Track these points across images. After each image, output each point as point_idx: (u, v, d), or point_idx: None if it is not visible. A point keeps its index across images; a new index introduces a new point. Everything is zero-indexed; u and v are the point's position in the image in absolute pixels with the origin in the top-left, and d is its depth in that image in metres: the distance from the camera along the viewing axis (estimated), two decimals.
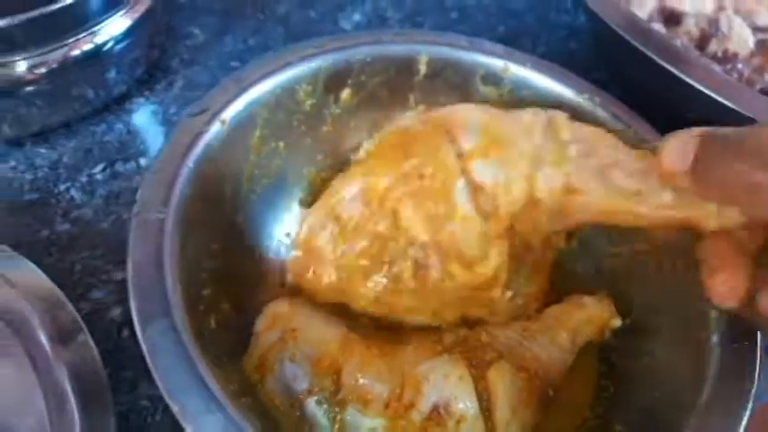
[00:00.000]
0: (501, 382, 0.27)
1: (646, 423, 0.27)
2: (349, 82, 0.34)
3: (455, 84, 0.35)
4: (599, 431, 0.29)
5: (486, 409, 0.27)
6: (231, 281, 0.30)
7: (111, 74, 0.40)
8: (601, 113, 0.33)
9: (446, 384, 0.26)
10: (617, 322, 0.31)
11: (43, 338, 0.29)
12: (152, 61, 0.44)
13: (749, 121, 0.35)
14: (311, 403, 0.26)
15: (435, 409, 0.26)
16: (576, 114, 0.33)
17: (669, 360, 0.29)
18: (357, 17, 0.51)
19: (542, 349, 0.30)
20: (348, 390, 0.26)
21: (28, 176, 0.38)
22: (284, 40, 0.48)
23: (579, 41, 0.51)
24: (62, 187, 0.37)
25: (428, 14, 0.52)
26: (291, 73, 0.32)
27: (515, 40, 0.51)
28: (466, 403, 0.26)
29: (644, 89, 0.41)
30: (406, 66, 0.35)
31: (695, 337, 0.27)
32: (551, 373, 0.30)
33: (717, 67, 0.44)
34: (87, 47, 0.38)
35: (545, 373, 0.29)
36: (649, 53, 0.37)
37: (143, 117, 0.42)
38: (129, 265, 0.24)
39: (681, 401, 0.26)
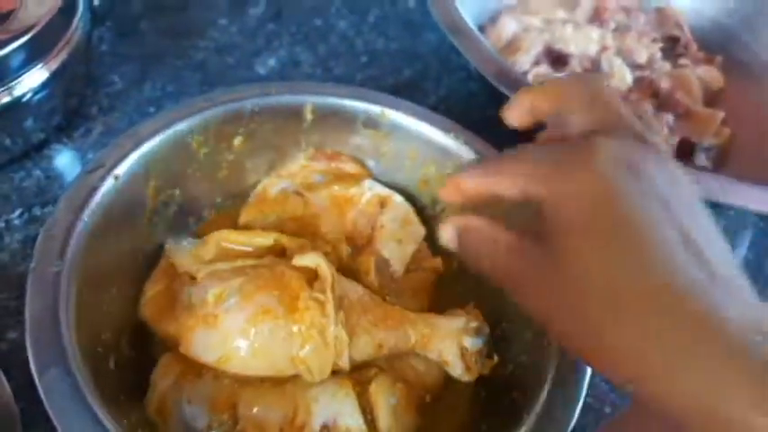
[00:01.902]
0: (382, 394, 0.30)
1: (501, 422, 0.31)
2: (240, 131, 0.37)
3: (340, 127, 0.39)
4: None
5: (370, 421, 0.30)
6: (131, 323, 0.33)
7: (29, 123, 0.43)
8: (464, 151, 0.38)
9: (333, 402, 0.30)
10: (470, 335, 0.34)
11: None
12: (71, 109, 0.47)
13: None
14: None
15: (325, 426, 0.29)
16: (444, 149, 0.38)
17: (528, 365, 0.33)
18: (272, 62, 0.55)
19: (418, 361, 0.33)
20: (245, 420, 0.29)
21: None
22: (201, 85, 0.51)
23: (476, 83, 0.56)
24: None
25: (339, 59, 0.56)
26: (183, 126, 0.35)
27: (420, 82, 0.55)
28: (352, 417, 0.29)
29: None
30: (293, 113, 0.39)
31: (543, 340, 0.32)
32: (428, 381, 0.33)
33: None
34: (5, 99, 0.40)
35: (422, 381, 0.33)
36: None
37: (61, 163, 0.45)
38: (27, 318, 0.27)
39: (529, 402, 0.30)
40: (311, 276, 0.31)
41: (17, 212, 0.41)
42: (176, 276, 0.33)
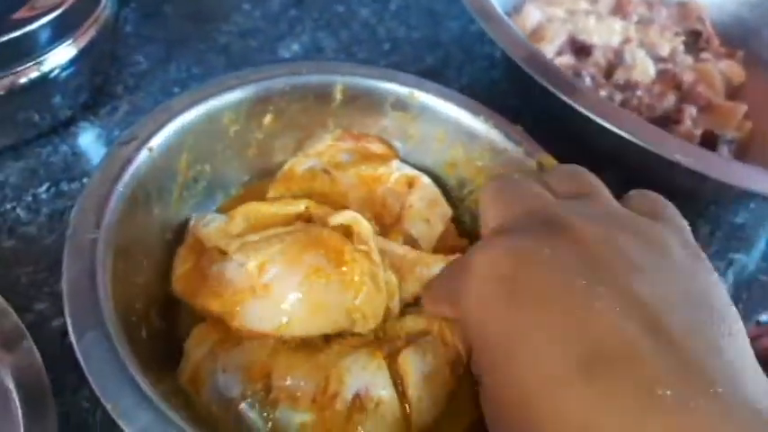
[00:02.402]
0: (410, 365, 0.30)
1: None
2: (270, 108, 0.37)
3: (369, 109, 0.40)
4: None
5: (401, 391, 0.30)
6: (161, 295, 0.33)
7: (57, 99, 0.43)
8: (492, 133, 0.38)
9: (365, 374, 0.30)
10: None
11: None
12: (97, 87, 0.47)
13: (628, 142, 0.40)
14: (245, 406, 0.29)
15: (357, 396, 0.29)
16: (472, 133, 0.38)
17: None
18: (295, 47, 0.55)
19: (448, 332, 0.33)
20: (278, 390, 0.29)
21: None
22: (225, 68, 0.52)
23: (499, 72, 0.56)
24: (8, 206, 0.40)
25: (362, 45, 0.56)
26: (215, 102, 0.35)
27: (442, 70, 0.55)
28: (384, 388, 0.29)
29: (546, 114, 0.46)
30: (323, 94, 0.39)
31: None
32: (455, 350, 0.34)
33: (603, 95, 0.49)
34: (34, 75, 0.40)
35: (449, 351, 0.33)
36: (545, 83, 0.42)
37: (87, 140, 0.45)
38: (64, 282, 0.27)
39: None
40: (347, 234, 0.31)
41: (44, 187, 0.41)
42: (204, 252, 0.33)
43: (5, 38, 0.38)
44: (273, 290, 0.29)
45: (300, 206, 0.33)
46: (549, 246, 0.21)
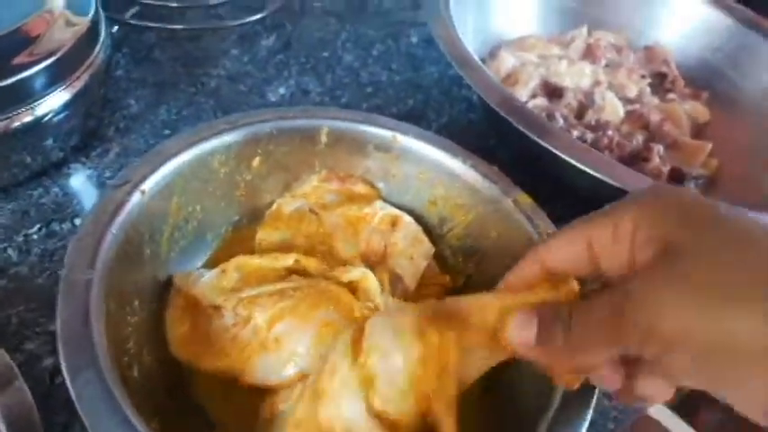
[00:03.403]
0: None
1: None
2: (259, 151, 0.39)
3: (353, 150, 0.41)
4: None
5: None
6: (152, 334, 0.34)
7: (49, 142, 0.44)
8: (471, 173, 0.40)
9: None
10: None
11: None
12: (89, 130, 0.48)
13: (597, 179, 0.42)
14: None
15: None
16: (451, 173, 0.40)
17: (535, 375, 0.34)
18: (282, 90, 0.57)
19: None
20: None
21: None
22: (214, 111, 0.53)
23: (476, 113, 0.59)
24: None
25: (346, 89, 0.59)
26: (206, 146, 0.37)
27: (423, 112, 0.58)
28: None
29: (521, 154, 0.48)
30: (309, 137, 0.40)
31: None
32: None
33: (575, 136, 0.52)
34: (27, 119, 0.42)
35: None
36: (520, 126, 0.44)
37: (79, 181, 0.46)
38: (58, 322, 0.28)
39: (537, 414, 0.31)
40: (352, 289, 0.32)
41: (36, 227, 0.42)
42: (199, 312, 0.34)
43: (1, 83, 0.40)
44: (285, 344, 0.31)
45: (289, 260, 0.35)
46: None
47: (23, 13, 0.41)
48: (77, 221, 0.43)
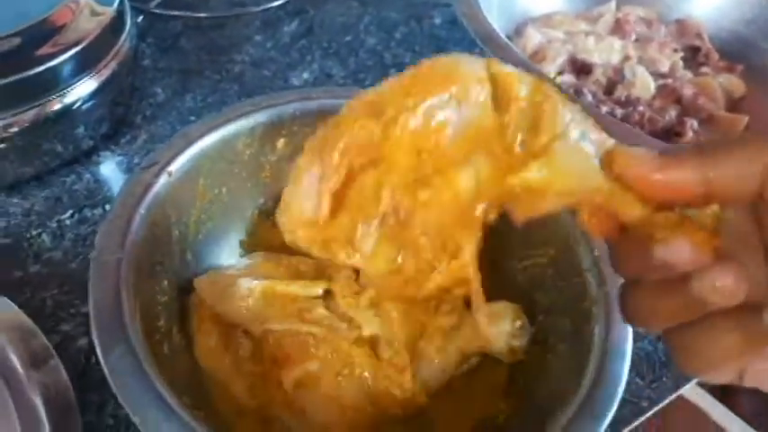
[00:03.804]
0: None
1: (536, 410, 0.32)
2: (283, 133, 0.39)
3: None
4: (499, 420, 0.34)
5: None
6: (181, 313, 0.35)
7: (79, 130, 0.45)
8: None
9: None
10: (517, 337, 0.36)
11: (18, 364, 0.33)
12: (117, 118, 0.49)
13: None
14: None
15: None
16: None
17: (566, 353, 0.33)
18: (306, 75, 0.57)
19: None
20: None
21: (2, 224, 0.42)
22: (239, 96, 0.54)
23: None
24: (34, 232, 0.42)
25: (369, 72, 0.58)
26: (231, 128, 0.37)
27: None
28: None
29: None
30: (332, 117, 0.40)
31: (584, 330, 0.32)
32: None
33: (603, 111, 0.51)
34: (57, 107, 0.43)
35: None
36: None
37: (109, 168, 0.47)
38: (91, 302, 0.28)
39: (569, 387, 0.31)
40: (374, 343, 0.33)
41: (68, 213, 0.43)
42: (226, 327, 0.34)
43: (30, 72, 0.41)
44: (308, 413, 0.31)
45: (318, 289, 0.34)
46: None
47: (50, 3, 0.42)
48: (108, 207, 0.44)
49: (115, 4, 0.46)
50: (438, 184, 0.24)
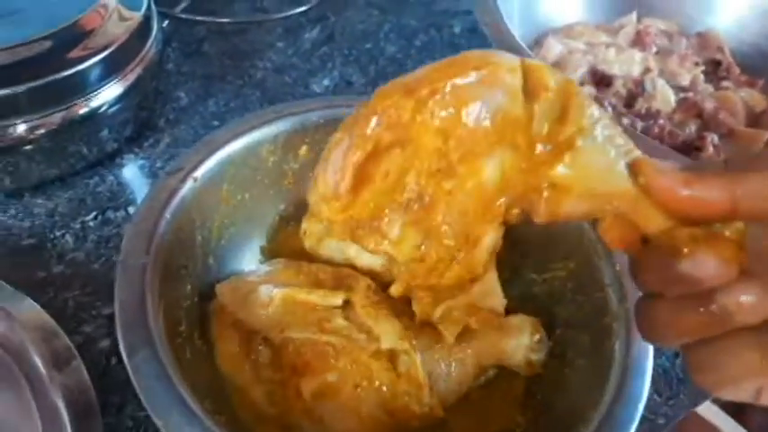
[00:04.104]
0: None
1: (554, 426, 0.32)
2: (306, 140, 0.39)
3: None
4: None
5: None
6: (202, 318, 0.35)
7: (104, 133, 0.46)
8: None
9: None
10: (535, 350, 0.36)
11: (40, 364, 0.33)
12: (141, 121, 0.50)
13: None
14: None
15: None
16: None
17: (585, 368, 0.34)
18: (326, 82, 0.57)
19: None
20: None
21: (26, 224, 0.43)
22: (261, 102, 0.54)
23: None
24: (57, 233, 0.43)
25: (389, 79, 0.58)
26: (255, 135, 0.37)
27: None
28: None
29: None
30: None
31: (604, 345, 0.32)
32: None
33: (625, 123, 0.51)
34: (83, 110, 0.43)
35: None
36: None
37: (132, 171, 0.47)
38: (117, 304, 0.29)
39: (588, 403, 0.30)
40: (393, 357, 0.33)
41: (92, 215, 0.44)
42: (247, 334, 0.34)
43: (59, 75, 0.41)
44: (327, 423, 0.31)
45: (338, 299, 0.34)
46: None
47: (79, 7, 0.43)
48: (131, 209, 0.45)
49: (143, 9, 0.47)
50: (462, 173, 0.25)
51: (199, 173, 0.35)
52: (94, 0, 0.44)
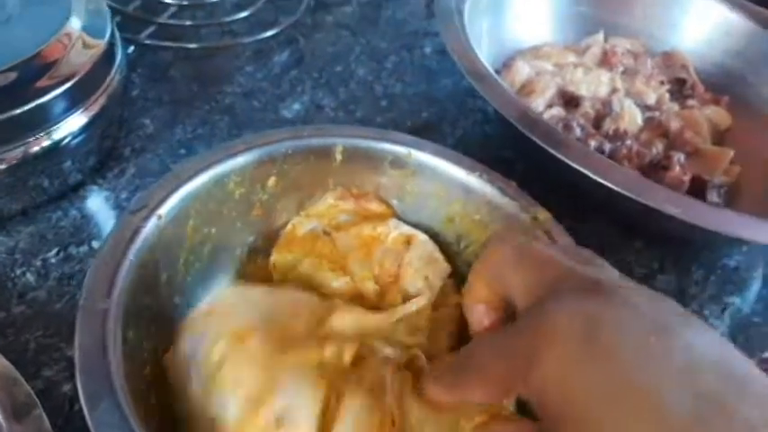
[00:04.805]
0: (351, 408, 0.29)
1: None
2: (274, 171, 0.39)
3: (367, 167, 0.41)
4: None
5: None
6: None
7: (67, 165, 0.45)
8: (488, 189, 0.39)
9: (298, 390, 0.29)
10: None
11: (0, 417, 0.32)
12: (105, 151, 0.49)
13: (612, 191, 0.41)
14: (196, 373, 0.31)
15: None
16: (469, 189, 0.40)
17: None
18: (296, 106, 0.57)
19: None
20: (226, 370, 0.31)
21: None
22: (229, 128, 0.54)
23: (491, 125, 0.58)
24: (18, 271, 0.41)
25: (360, 103, 0.58)
26: (221, 168, 0.37)
27: (437, 124, 0.57)
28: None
29: (538, 166, 0.48)
30: (323, 154, 0.40)
31: None
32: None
33: (593, 146, 0.51)
34: (46, 143, 0.42)
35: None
36: (536, 139, 0.44)
37: (96, 203, 0.46)
38: (77, 353, 0.28)
39: None
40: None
41: (53, 251, 0.42)
42: None
43: (21, 109, 0.40)
44: None
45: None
46: (608, 307, 0.22)
47: (42, 37, 0.42)
48: (95, 244, 0.43)
49: (107, 37, 0.46)
50: None
51: (163, 210, 0.34)
52: (57, 29, 0.43)
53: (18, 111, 0.40)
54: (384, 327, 0.34)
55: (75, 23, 0.44)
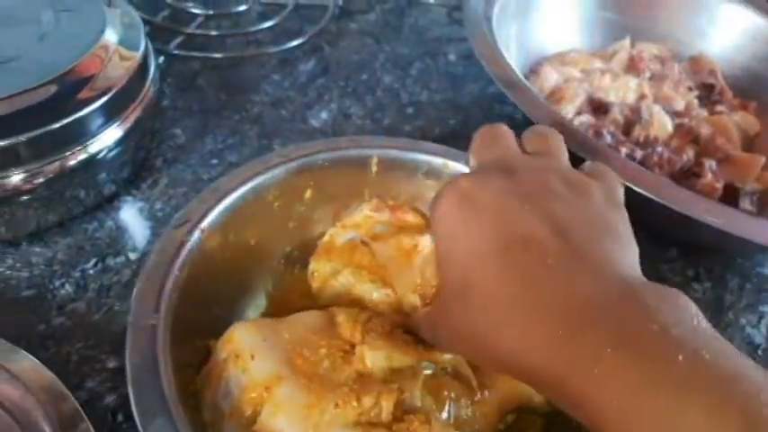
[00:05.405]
0: None
1: None
2: (311, 183, 0.39)
3: (402, 179, 0.41)
4: None
5: None
6: None
7: (102, 176, 0.45)
8: None
9: None
10: None
11: (47, 430, 0.32)
12: (138, 162, 0.49)
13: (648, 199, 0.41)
14: (229, 426, 0.29)
15: None
16: None
17: None
18: (324, 115, 0.57)
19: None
20: (261, 425, 0.29)
21: (24, 274, 0.42)
22: (259, 137, 0.54)
23: (520, 131, 0.58)
24: (57, 283, 0.41)
25: (386, 111, 0.58)
26: (260, 181, 0.37)
27: (463, 132, 0.57)
28: None
29: None
30: (359, 166, 0.40)
31: None
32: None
33: (625, 152, 0.51)
34: (82, 157, 0.42)
35: None
36: (569, 147, 0.43)
37: (130, 214, 0.47)
38: (129, 371, 0.28)
39: None
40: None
41: (91, 262, 0.43)
42: None
43: (59, 124, 0.40)
44: None
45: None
46: (500, 181, 0.29)
47: (79, 50, 0.42)
48: (131, 255, 0.44)
49: (141, 49, 0.46)
50: None
51: (205, 224, 0.34)
52: (93, 42, 0.43)
53: (56, 125, 0.40)
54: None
55: (110, 36, 0.45)
